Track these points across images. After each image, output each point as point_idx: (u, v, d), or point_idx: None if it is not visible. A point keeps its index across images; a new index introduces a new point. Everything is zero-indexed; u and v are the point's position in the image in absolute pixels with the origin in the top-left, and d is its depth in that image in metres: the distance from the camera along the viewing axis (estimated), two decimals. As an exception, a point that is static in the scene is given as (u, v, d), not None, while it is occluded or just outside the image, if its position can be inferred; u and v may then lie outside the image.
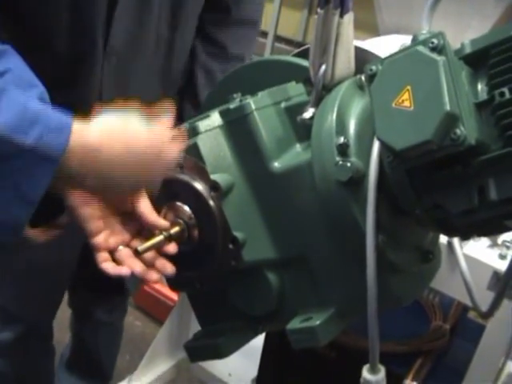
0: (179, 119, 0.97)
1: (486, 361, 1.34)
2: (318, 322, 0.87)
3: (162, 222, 0.92)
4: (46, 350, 1.79)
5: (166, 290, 2.57)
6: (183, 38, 1.39)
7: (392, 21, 1.68)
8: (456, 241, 1.12)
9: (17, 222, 0.79)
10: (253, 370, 1.73)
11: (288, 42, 5.38)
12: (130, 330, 2.57)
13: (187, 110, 1.52)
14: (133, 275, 0.91)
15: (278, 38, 5.25)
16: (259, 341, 1.55)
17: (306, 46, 1.08)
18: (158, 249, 0.92)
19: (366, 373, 0.83)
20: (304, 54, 1.04)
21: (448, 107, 0.69)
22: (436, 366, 1.49)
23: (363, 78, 0.88)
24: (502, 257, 1.29)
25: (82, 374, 2.12)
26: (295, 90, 0.97)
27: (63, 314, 2.07)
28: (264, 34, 5.23)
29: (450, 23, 1.39)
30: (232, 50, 1.53)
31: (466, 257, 1.12)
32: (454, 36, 0.76)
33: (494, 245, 1.33)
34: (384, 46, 1.42)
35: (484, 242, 1.34)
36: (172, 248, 0.92)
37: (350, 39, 0.91)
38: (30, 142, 0.74)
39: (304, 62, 0.99)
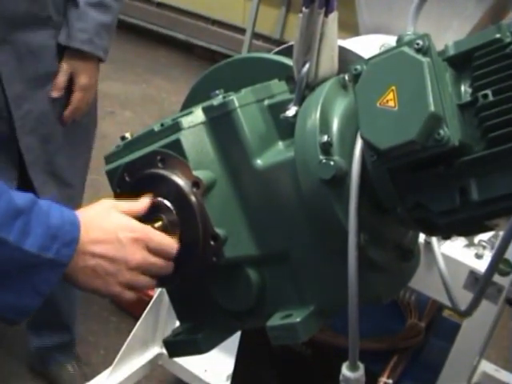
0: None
1: (461, 359, 1.36)
2: (298, 319, 0.88)
3: None
4: None
5: (141, 285, 2.55)
6: None
7: (372, 21, 1.68)
8: (434, 240, 1.13)
9: (26, 309, 0.87)
10: (228, 366, 1.74)
11: (266, 39, 5.39)
12: (105, 325, 2.56)
13: None
14: None
15: (256, 35, 5.25)
16: (235, 337, 1.55)
17: (287, 44, 1.09)
18: None
19: (345, 370, 0.84)
20: (285, 52, 1.04)
21: (432, 108, 0.69)
22: (411, 364, 1.50)
23: (347, 77, 0.89)
24: (479, 256, 1.30)
25: (44, 327, 2.17)
26: (278, 88, 0.97)
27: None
28: (242, 31, 5.24)
29: (431, 24, 1.40)
30: None
31: (443, 256, 1.13)
32: (434, 37, 0.77)
33: (471, 244, 1.35)
34: (364, 45, 1.43)
35: (461, 241, 1.35)
36: None
37: (333, 38, 0.91)
38: (50, 257, 0.84)
39: (286, 60, 1.00)
